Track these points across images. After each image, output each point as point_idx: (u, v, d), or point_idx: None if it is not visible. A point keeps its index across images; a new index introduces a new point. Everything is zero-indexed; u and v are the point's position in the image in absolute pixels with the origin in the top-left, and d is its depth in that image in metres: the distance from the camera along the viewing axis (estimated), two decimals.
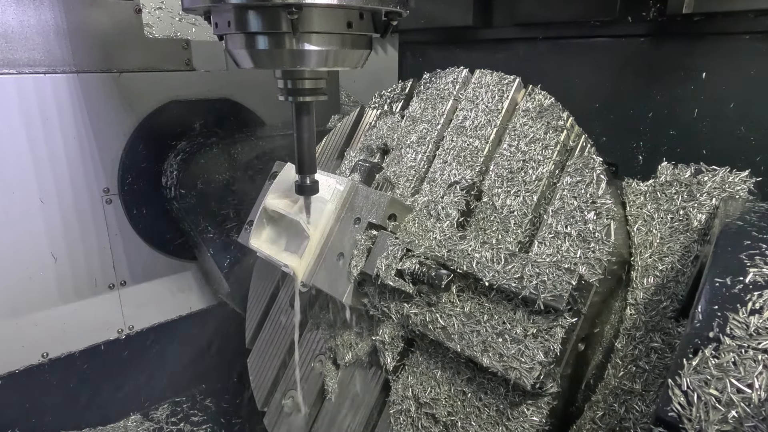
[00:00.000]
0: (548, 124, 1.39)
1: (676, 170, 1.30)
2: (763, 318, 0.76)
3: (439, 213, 1.43)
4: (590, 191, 1.25)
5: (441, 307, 1.26)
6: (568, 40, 1.96)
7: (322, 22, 1.14)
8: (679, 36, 1.67)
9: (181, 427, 2.39)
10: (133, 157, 2.13)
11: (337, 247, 1.44)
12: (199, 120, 2.32)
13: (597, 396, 1.21)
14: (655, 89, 1.75)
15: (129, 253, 2.23)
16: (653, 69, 1.75)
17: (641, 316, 1.21)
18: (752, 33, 1.52)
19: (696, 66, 1.64)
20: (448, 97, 1.63)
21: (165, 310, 2.43)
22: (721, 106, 1.61)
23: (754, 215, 1.01)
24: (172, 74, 2.22)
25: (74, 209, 2.04)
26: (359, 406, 1.49)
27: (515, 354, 1.11)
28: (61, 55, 1.93)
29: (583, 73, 1.93)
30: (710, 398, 0.73)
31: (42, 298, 2.05)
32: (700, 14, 1.56)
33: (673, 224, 1.25)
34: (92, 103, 2.00)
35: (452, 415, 1.26)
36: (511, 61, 2.15)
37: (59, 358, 2.15)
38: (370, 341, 1.47)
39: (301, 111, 1.32)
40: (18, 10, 1.81)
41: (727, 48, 1.58)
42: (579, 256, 1.20)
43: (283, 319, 1.79)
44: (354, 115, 1.91)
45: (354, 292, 1.38)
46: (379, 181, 1.62)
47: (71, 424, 2.26)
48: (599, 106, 1.90)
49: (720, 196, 1.22)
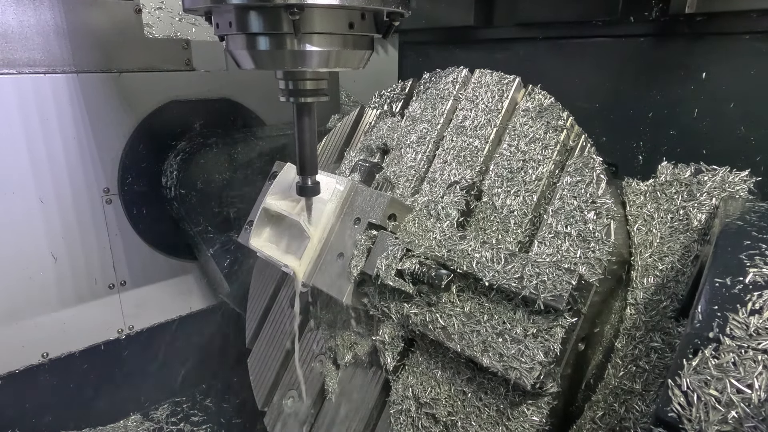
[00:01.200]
0: (548, 123, 1.39)
1: (676, 170, 1.30)
2: (762, 318, 0.76)
3: (439, 213, 1.43)
4: (590, 191, 1.25)
5: (441, 307, 1.26)
6: (568, 40, 1.96)
7: (323, 23, 1.13)
8: (679, 36, 1.67)
9: (181, 427, 2.39)
10: (133, 157, 2.13)
11: (337, 247, 1.44)
12: (199, 120, 2.32)
13: (597, 396, 1.21)
14: (655, 89, 1.75)
15: (129, 253, 2.23)
16: (653, 69, 1.75)
17: (641, 316, 1.21)
18: (752, 33, 1.52)
19: (696, 66, 1.64)
20: (447, 97, 1.63)
21: (165, 310, 2.43)
22: (721, 106, 1.61)
23: (754, 215, 1.01)
24: (172, 74, 2.22)
25: (74, 209, 2.04)
26: (359, 406, 1.49)
27: (515, 354, 1.11)
28: (61, 55, 1.93)
29: (583, 73, 1.93)
30: (710, 399, 0.73)
31: (42, 298, 2.05)
32: (702, 14, 1.56)
33: (673, 224, 1.25)
34: (92, 103, 2.00)
35: (452, 415, 1.26)
36: (511, 61, 2.15)
37: (59, 358, 2.15)
38: (370, 341, 1.47)
39: (303, 112, 1.31)
40: (18, 10, 1.81)
41: (727, 48, 1.58)
42: (579, 256, 1.20)
43: (283, 319, 1.79)
44: (354, 115, 1.91)
45: (354, 292, 1.38)
46: (379, 181, 1.62)
47: (71, 424, 2.26)
48: (599, 106, 1.90)
49: (720, 196, 1.22)
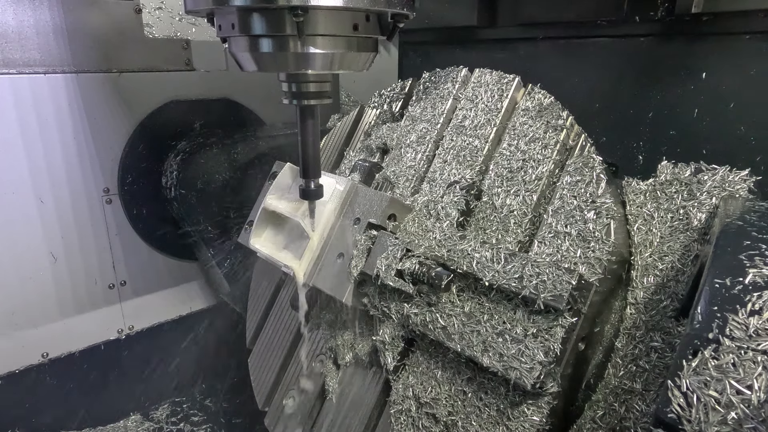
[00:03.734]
0: (548, 123, 1.39)
1: (676, 169, 1.30)
2: (762, 319, 0.76)
3: (438, 213, 1.43)
4: (590, 190, 1.25)
5: (441, 307, 1.26)
6: (568, 40, 1.96)
7: (328, 25, 1.11)
8: (679, 36, 1.67)
9: (181, 427, 2.39)
10: (133, 157, 2.13)
11: (337, 247, 1.44)
12: (199, 120, 2.32)
13: (597, 395, 1.21)
14: (655, 89, 1.75)
15: (129, 253, 2.23)
16: (653, 69, 1.75)
17: (641, 316, 1.21)
18: (753, 33, 1.52)
19: (696, 66, 1.64)
20: (447, 97, 1.63)
21: (165, 310, 2.43)
22: (721, 106, 1.61)
23: (753, 215, 1.01)
24: (172, 74, 2.21)
25: (74, 209, 2.04)
26: (359, 406, 1.49)
27: (515, 354, 1.11)
28: (61, 56, 1.92)
29: (583, 72, 1.93)
30: (710, 399, 0.73)
31: (42, 298, 2.05)
32: (708, 14, 1.56)
33: (673, 223, 1.25)
34: (92, 103, 1.99)
35: (453, 415, 1.26)
36: (511, 60, 2.15)
37: (59, 358, 2.15)
38: (371, 341, 1.47)
39: (306, 114, 1.29)
40: (17, 10, 1.81)
41: (727, 48, 1.58)
42: (579, 256, 1.20)
43: (283, 319, 1.79)
44: (354, 115, 1.91)
45: (354, 292, 1.38)
46: (378, 181, 1.61)
47: (71, 424, 2.26)
48: (599, 106, 1.89)
49: (720, 195, 1.21)
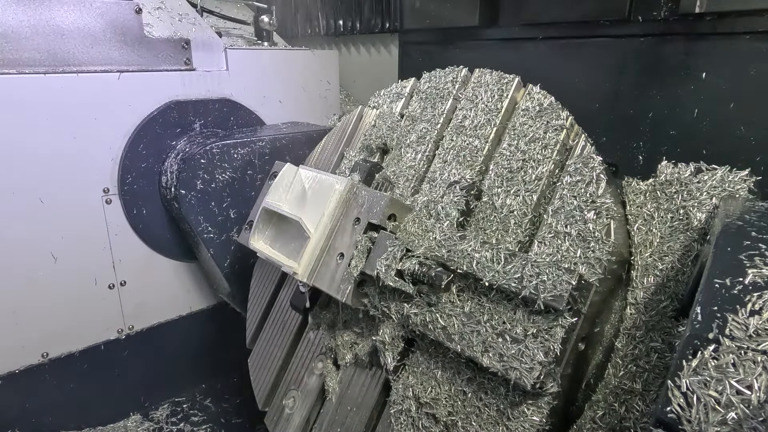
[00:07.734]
0: (548, 123, 1.39)
1: (676, 169, 1.30)
2: (762, 319, 0.76)
3: (438, 213, 1.43)
4: (590, 190, 1.25)
5: (441, 307, 1.26)
6: (569, 40, 1.96)
7: None
8: (680, 36, 1.67)
9: (181, 427, 2.39)
10: (133, 157, 2.13)
11: (337, 247, 1.43)
12: (199, 120, 2.32)
13: (597, 395, 1.21)
14: (655, 89, 1.75)
15: (129, 253, 2.23)
16: (654, 69, 1.75)
17: (641, 316, 1.21)
18: (753, 33, 1.52)
19: (696, 66, 1.64)
20: (447, 97, 1.63)
21: (165, 310, 2.42)
22: (721, 106, 1.61)
23: (753, 215, 1.01)
24: (172, 74, 2.21)
25: (74, 209, 2.04)
26: (359, 406, 1.49)
27: (515, 354, 1.11)
28: (61, 55, 1.92)
29: (583, 72, 1.93)
30: (710, 400, 0.73)
31: (42, 298, 2.04)
32: (712, 13, 1.56)
33: (673, 223, 1.25)
34: (92, 103, 1.99)
35: (453, 415, 1.26)
36: (511, 60, 2.15)
37: (59, 358, 2.15)
38: (371, 341, 1.47)
39: None
40: (17, 9, 1.81)
41: (727, 48, 1.58)
42: (579, 256, 1.20)
43: (283, 319, 1.79)
44: (354, 115, 1.91)
45: (354, 292, 1.38)
46: (378, 181, 1.61)
47: (71, 424, 2.26)
48: (599, 106, 1.89)
49: (720, 195, 1.21)
